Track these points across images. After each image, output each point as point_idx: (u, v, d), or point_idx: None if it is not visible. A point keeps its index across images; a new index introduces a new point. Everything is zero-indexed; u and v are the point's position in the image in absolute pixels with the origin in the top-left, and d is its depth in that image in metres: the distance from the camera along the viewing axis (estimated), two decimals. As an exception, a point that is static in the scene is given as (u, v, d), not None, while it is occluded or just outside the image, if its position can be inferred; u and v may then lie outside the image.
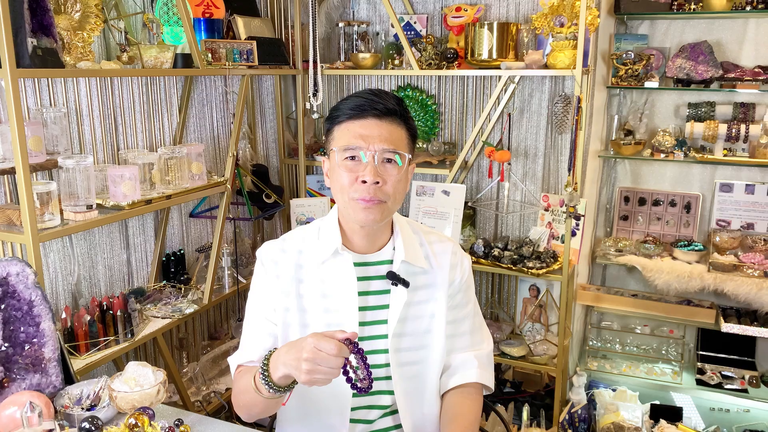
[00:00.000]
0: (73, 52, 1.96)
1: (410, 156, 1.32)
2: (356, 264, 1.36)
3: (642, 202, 3.11)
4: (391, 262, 1.38)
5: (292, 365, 1.16)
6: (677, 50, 2.89)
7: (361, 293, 1.36)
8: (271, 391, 1.22)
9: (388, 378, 1.39)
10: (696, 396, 2.94)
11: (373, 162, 1.26)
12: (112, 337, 2.08)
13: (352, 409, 1.39)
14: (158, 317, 2.32)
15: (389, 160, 1.28)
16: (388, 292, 1.38)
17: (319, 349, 1.11)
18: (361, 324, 1.36)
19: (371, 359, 1.31)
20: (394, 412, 1.42)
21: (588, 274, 3.21)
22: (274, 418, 1.59)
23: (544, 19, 2.59)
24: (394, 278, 1.34)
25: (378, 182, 1.26)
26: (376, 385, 1.35)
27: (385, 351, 1.37)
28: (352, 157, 1.27)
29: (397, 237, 1.39)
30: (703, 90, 2.86)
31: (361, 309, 1.36)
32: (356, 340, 1.16)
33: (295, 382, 1.22)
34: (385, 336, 1.37)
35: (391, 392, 1.40)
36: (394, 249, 1.39)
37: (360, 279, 1.36)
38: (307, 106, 2.99)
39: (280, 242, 1.43)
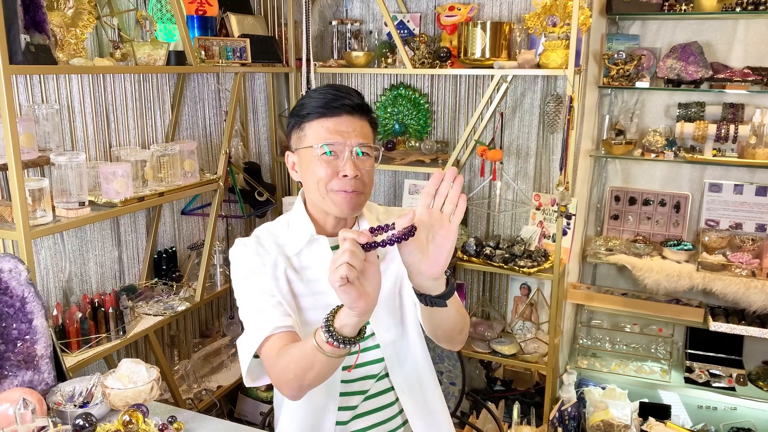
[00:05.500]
0: (65, 49, 1.95)
1: (378, 148, 1.40)
2: (333, 248, 1.41)
3: (632, 201, 3.13)
4: None
5: (353, 298, 1.08)
6: (668, 51, 2.91)
7: None
8: (338, 344, 1.13)
9: (377, 347, 1.43)
10: (684, 394, 2.97)
11: (351, 157, 1.32)
12: (103, 335, 2.08)
13: (348, 381, 1.41)
14: (150, 315, 2.32)
15: (364, 153, 1.34)
16: None
17: (344, 260, 1.07)
18: None
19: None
20: (386, 375, 1.47)
21: (578, 273, 3.23)
22: (269, 415, 1.59)
23: (537, 19, 2.60)
24: None
25: (357, 175, 1.33)
26: (368, 356, 1.41)
27: (367, 323, 1.39)
28: (330, 152, 1.33)
29: (361, 217, 1.46)
30: (693, 90, 2.88)
31: None
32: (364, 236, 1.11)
33: (363, 331, 1.17)
34: None
35: (382, 359, 1.44)
36: (359, 228, 1.44)
37: None
38: (300, 104, 2.98)
39: (254, 239, 1.44)
